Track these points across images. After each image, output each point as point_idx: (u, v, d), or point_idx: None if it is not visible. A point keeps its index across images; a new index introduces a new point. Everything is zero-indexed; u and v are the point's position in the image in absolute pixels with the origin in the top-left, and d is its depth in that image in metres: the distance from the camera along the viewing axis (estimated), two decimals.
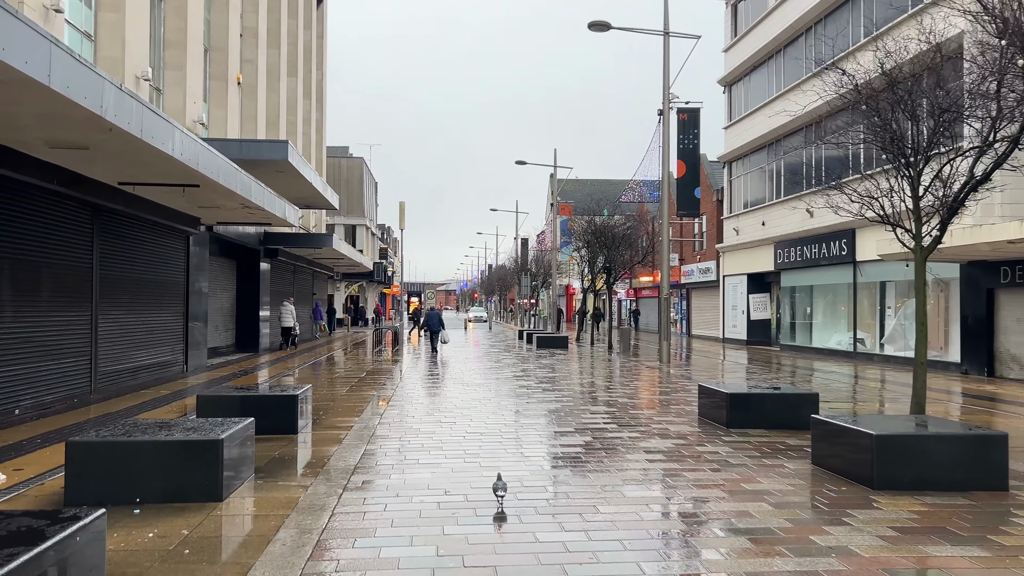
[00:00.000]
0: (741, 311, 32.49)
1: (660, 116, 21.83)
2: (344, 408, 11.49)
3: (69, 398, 12.32)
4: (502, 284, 77.39)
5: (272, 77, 27.85)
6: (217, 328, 22.54)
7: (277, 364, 19.87)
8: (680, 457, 7.93)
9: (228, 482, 6.25)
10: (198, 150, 11.29)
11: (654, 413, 11.14)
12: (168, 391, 13.81)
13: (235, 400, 9.17)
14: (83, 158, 10.63)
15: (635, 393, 13.68)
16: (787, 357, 24.88)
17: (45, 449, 8.22)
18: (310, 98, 35.29)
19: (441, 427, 9.77)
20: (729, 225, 33.50)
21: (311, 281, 36.05)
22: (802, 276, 27.50)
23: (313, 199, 24.23)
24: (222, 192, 13.62)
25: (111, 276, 13.90)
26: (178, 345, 17.44)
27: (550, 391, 13.88)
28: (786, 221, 28.07)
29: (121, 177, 12.18)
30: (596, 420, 10.39)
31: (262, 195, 15.36)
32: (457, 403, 12.19)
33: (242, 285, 24.59)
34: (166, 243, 16.58)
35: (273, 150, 18.04)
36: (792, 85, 27.56)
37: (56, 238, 11.96)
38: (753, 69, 31.67)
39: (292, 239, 25.76)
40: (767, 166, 30.25)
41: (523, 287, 45.47)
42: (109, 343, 13.85)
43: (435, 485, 6.67)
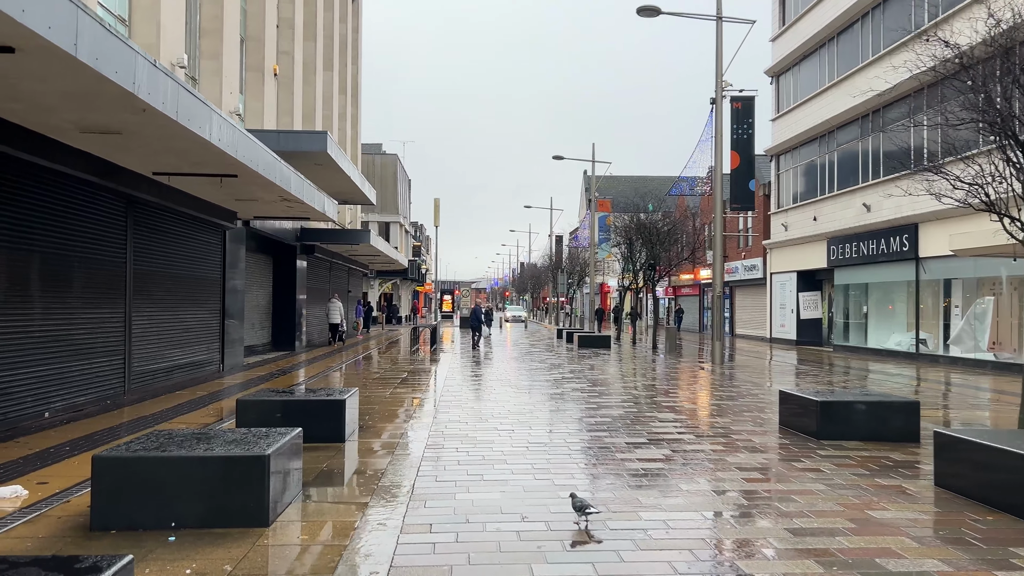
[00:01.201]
0: (790, 310, 31.27)
1: (712, 105, 20.81)
2: (391, 412, 10.71)
3: (101, 400, 11.70)
4: (535, 282, 76.53)
5: (308, 70, 27.27)
6: (253, 326, 21.97)
7: (315, 363, 19.21)
8: (780, 476, 7.00)
9: (274, 503, 5.47)
10: (237, 137, 10.58)
11: (728, 421, 10.20)
12: (204, 392, 13.16)
13: (277, 405, 8.41)
14: (116, 145, 9.97)
15: (699, 398, 12.74)
16: (843, 358, 23.70)
17: (73, 458, 7.53)
18: (345, 93, 34.72)
19: (499, 436, 8.93)
20: (777, 221, 32.30)
21: (347, 278, 35.50)
22: (858, 273, 26.26)
23: (351, 194, 23.56)
24: (261, 183, 12.93)
25: (145, 271, 13.28)
26: (214, 344, 16.83)
27: (607, 395, 12.98)
28: (840, 216, 26.84)
29: (155, 167, 11.52)
30: (668, 429, 9.48)
31: (301, 187, 14.66)
32: (510, 407, 11.35)
33: (278, 282, 24.01)
34: (202, 238, 15.97)
35: (311, 141, 17.35)
36: (847, 73, 26.31)
37: (88, 231, 11.33)
38: (803, 58, 30.43)
39: (329, 235, 25.14)
40: (819, 158, 29.02)
41: (560, 285, 44.56)
42: (143, 342, 13.24)
43: (509, 508, 5.83)
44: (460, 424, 9.81)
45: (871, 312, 25.95)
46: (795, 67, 31.07)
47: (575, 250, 53.34)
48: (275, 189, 13.55)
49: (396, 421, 9.97)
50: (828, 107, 27.81)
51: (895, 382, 16.01)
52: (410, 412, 10.77)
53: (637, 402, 12.05)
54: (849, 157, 26.80)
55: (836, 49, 27.78)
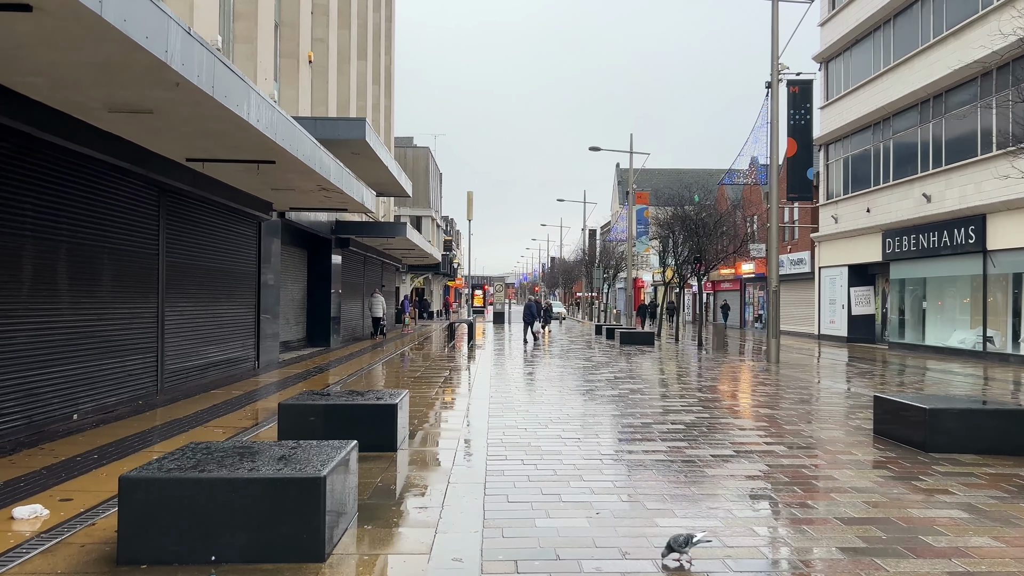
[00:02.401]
0: (841, 305, 30.01)
1: (768, 89, 19.72)
2: (439, 415, 9.89)
3: (133, 400, 11.02)
4: (567, 277, 75.49)
5: (343, 59, 26.57)
6: (288, 321, 21.33)
7: (352, 360, 18.48)
8: (907, 500, 6.05)
9: (330, 532, 4.65)
10: (276, 119, 9.81)
11: (814, 429, 9.23)
12: (240, 391, 12.45)
13: (322, 409, 7.62)
14: (147, 128, 9.24)
15: (772, 402, 11.76)
16: (902, 357, 22.50)
17: (101, 469, 6.80)
18: (379, 83, 34.01)
19: (566, 446, 8.06)
20: (826, 212, 31.02)
21: (380, 272, 34.86)
22: (916, 267, 24.98)
23: (387, 185, 22.82)
24: (300, 171, 12.18)
25: (179, 264, 12.60)
26: (249, 340, 16.17)
27: (669, 397, 12.06)
28: (897, 207, 25.57)
29: (189, 152, 10.80)
30: (753, 439, 8.55)
31: (341, 176, 13.90)
32: (568, 411, 10.47)
33: (313, 276, 23.36)
34: (237, 229, 15.28)
35: (349, 129, 16.59)
36: (905, 57, 25.00)
37: (119, 221, 10.64)
38: (855, 43, 29.11)
39: (365, 228, 24.43)
40: (872, 147, 27.72)
41: (595, 280, 43.56)
42: (177, 338, 12.56)
43: (603, 540, 4.96)
44: (519, 431, 8.96)
45: (930, 308, 24.67)
46: (846, 52, 29.75)
47: (609, 244, 52.27)
48: (314, 177, 12.80)
49: (447, 426, 9.15)
50: (883, 93, 26.52)
51: (975, 383, 14.88)
52: (460, 415, 9.94)
53: (706, 406, 11.11)
54: (906, 145, 25.49)
55: (892, 32, 26.45)
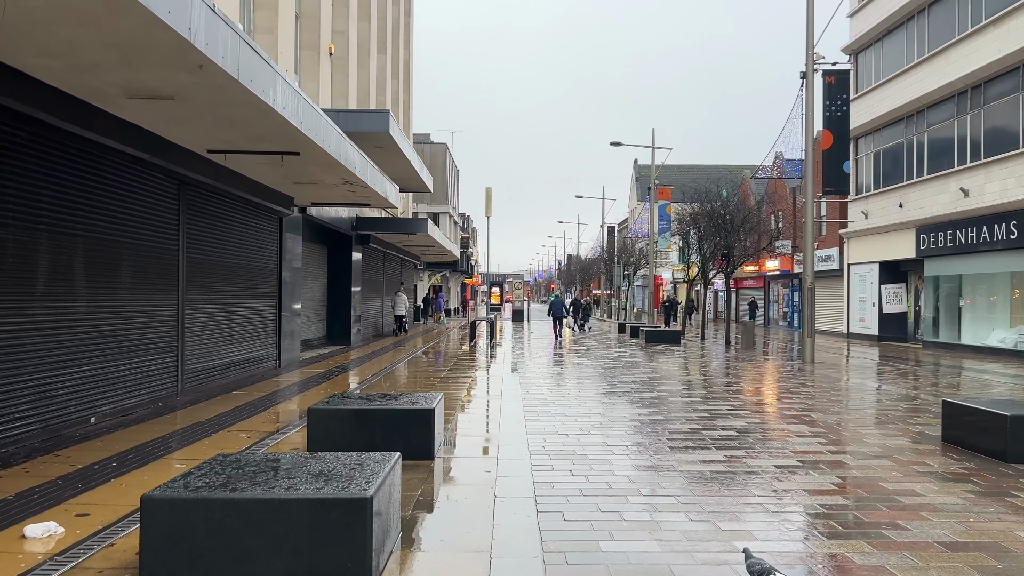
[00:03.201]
0: (871, 303, 29.26)
1: (803, 79, 19.05)
2: (473, 419, 9.38)
3: (153, 402, 10.58)
4: (584, 274, 74.86)
5: (362, 52, 26.11)
6: (308, 319, 20.90)
7: (374, 359, 18.01)
8: (1008, 521, 5.47)
9: (376, 557, 4.14)
10: (302, 107, 9.32)
11: (877, 436, 8.64)
12: (262, 392, 12.00)
13: (354, 415, 7.12)
14: (168, 116, 8.78)
15: (821, 405, 11.17)
16: (939, 356, 21.78)
17: (120, 479, 6.33)
18: (398, 78, 33.56)
19: (615, 454, 7.52)
20: (855, 208, 30.26)
21: (399, 270, 34.43)
22: (953, 264, 24.21)
23: (409, 180, 22.33)
24: (325, 164, 11.70)
25: (199, 260, 12.15)
26: (271, 339, 15.72)
27: (713, 400, 11.49)
28: (932, 202, 24.81)
29: (211, 142, 10.34)
30: (814, 448, 7.97)
31: (366, 169, 13.42)
32: (610, 416, 9.93)
33: (333, 273, 22.92)
34: (258, 225, 14.84)
35: (373, 121, 16.10)
36: (941, 48, 24.22)
37: (138, 215, 10.20)
38: (886, 34, 28.32)
39: (386, 224, 23.96)
40: (905, 140, 26.95)
41: (616, 277, 42.93)
42: (197, 337, 12.12)
43: (682, 570, 4.41)
44: (561, 437, 8.42)
45: (967, 306, 23.91)
46: (877, 43, 28.97)
47: (628, 240, 51.59)
48: (339, 170, 12.31)
49: (483, 430, 8.63)
50: (917, 85, 25.75)
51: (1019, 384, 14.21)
52: (494, 418, 9.42)
53: (753, 409, 10.53)
54: (942, 138, 24.72)
55: (926, 22, 25.67)
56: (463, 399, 11.30)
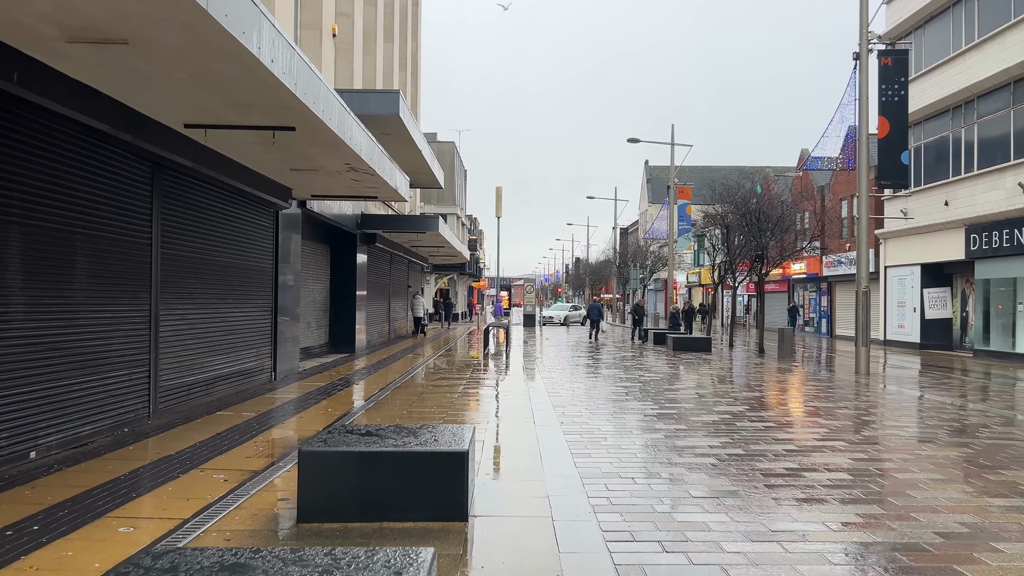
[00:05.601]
0: (912, 308, 27.35)
1: (856, 61, 17.21)
2: (509, 452, 7.54)
3: (117, 427, 8.75)
4: (595, 277, 73.00)
5: (368, 39, 24.34)
6: (309, 325, 19.09)
7: (381, 370, 16.18)
8: None
9: None
10: (296, 64, 7.51)
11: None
12: (252, 412, 10.19)
13: (359, 460, 5.30)
14: (127, 73, 6.98)
15: (922, 433, 9.30)
16: (997, 366, 19.87)
17: (62, 541, 4.51)
18: (405, 70, 31.78)
19: (708, 512, 5.67)
20: (893, 207, 28.35)
21: (406, 272, 32.62)
22: (1009, 266, 22.29)
23: (419, 173, 20.55)
24: (325, 143, 9.89)
25: (178, 257, 10.35)
26: (265, 348, 13.92)
27: (788, 427, 9.64)
28: (983, 199, 22.91)
29: (188, 114, 8.54)
30: (965, 499, 6.12)
31: (373, 152, 11.61)
32: (673, 447, 8.09)
33: (337, 275, 21.11)
34: (250, 219, 13.04)
35: (381, 103, 14.32)
36: (993, 32, 22.33)
37: (98, 200, 8.40)
38: (928, 20, 26.45)
39: (393, 222, 22.15)
40: (951, 133, 25.06)
41: (632, 280, 41.07)
42: (175, 348, 10.30)
43: None
44: (625, 483, 6.57)
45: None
46: (917, 31, 27.10)
47: (645, 242, 49.76)
48: (342, 152, 10.50)
49: (522, 472, 6.79)
50: (965, 73, 23.86)
51: None
52: (532, 451, 7.58)
53: (844, 439, 8.67)
54: (995, 130, 22.83)
55: (976, 6, 23.79)
56: (488, 421, 9.47)
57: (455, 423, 9.44)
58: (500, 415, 10.11)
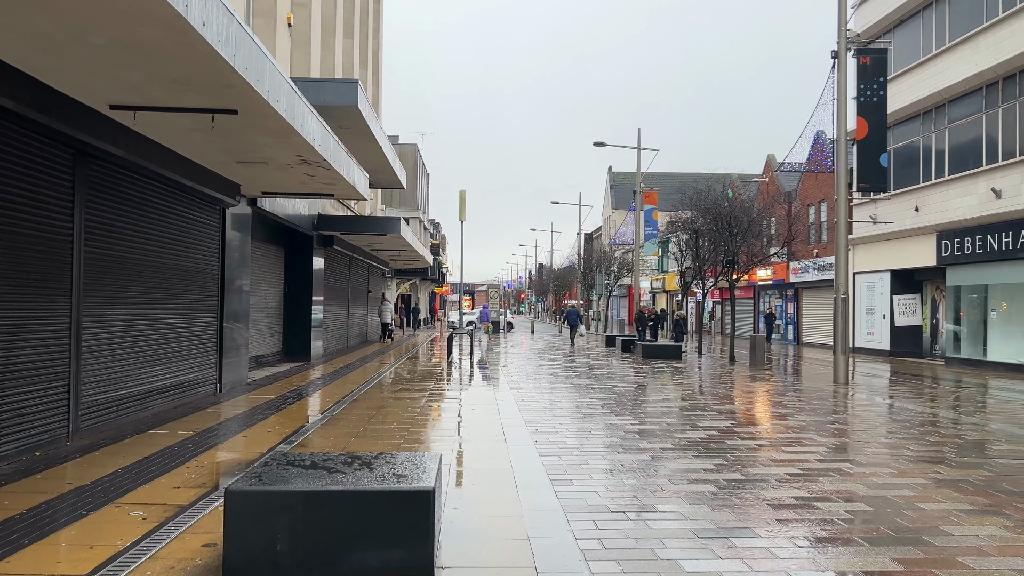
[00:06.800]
0: (882, 315, 27.02)
1: (834, 59, 16.65)
2: (480, 480, 6.60)
3: (25, 452, 7.61)
4: (559, 283, 72.39)
5: (327, 33, 23.26)
6: (261, 332, 17.92)
7: (338, 381, 15.11)
8: None
9: None
10: (236, 32, 6.51)
11: None
12: (190, 431, 9.10)
13: (302, 501, 4.32)
14: (29, 34, 5.92)
15: (927, 451, 8.59)
16: (973, 375, 19.47)
17: None
18: (366, 68, 30.68)
19: (717, 555, 4.80)
20: (862, 212, 28.03)
21: (366, 276, 31.47)
22: (982, 272, 21.99)
23: (380, 172, 19.52)
24: (273, 130, 8.86)
25: (106, 257, 9.22)
26: (209, 357, 12.78)
27: (786, 446, 8.85)
28: (956, 204, 22.60)
29: (113, 92, 7.46)
30: (993, 535, 5.35)
31: (327, 143, 10.60)
32: (662, 471, 7.22)
33: (291, 278, 19.96)
34: (192, 216, 11.92)
35: (339, 93, 13.32)
36: (967, 35, 22.04)
37: (5, 190, 7.27)
38: (899, 23, 26.20)
39: (352, 223, 21.06)
40: (922, 138, 24.78)
41: (598, 286, 40.38)
42: (101, 358, 9.17)
43: None
44: (616, 518, 5.68)
45: (998, 320, 21.70)
46: (887, 35, 26.84)
47: (609, 248, 49.18)
48: (293, 141, 9.48)
49: (497, 503, 5.86)
50: (937, 77, 23.58)
51: None
52: (507, 479, 6.65)
53: (849, 459, 7.90)
54: (967, 134, 22.55)
55: (947, 10, 23.55)
56: (454, 440, 8.52)
57: (417, 442, 8.47)
58: (467, 432, 9.16)
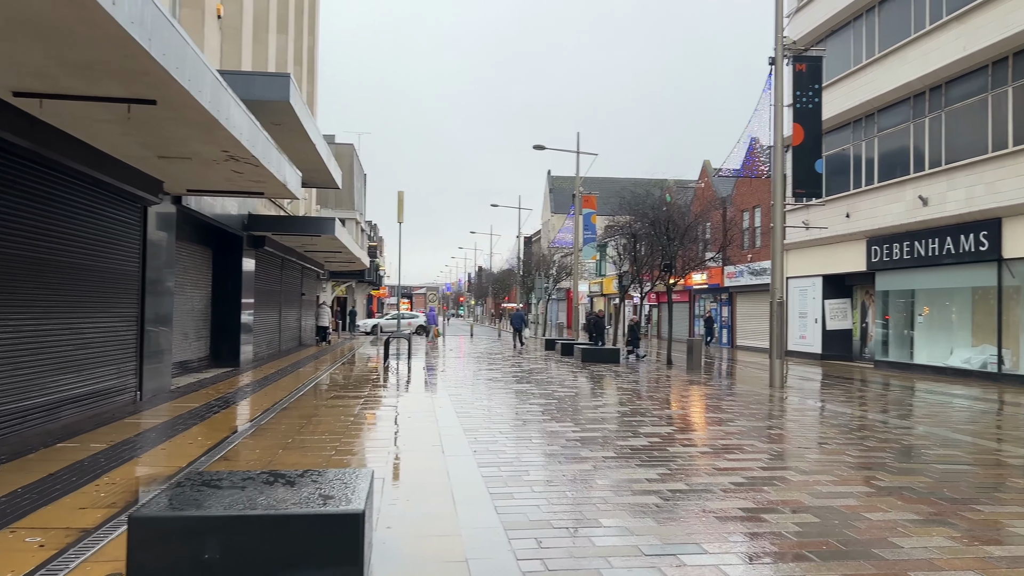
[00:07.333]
0: (813, 320, 27.54)
1: (771, 66, 16.81)
2: (414, 495, 6.24)
3: None
4: (498, 286, 72.20)
5: (260, 26, 22.51)
6: (187, 336, 17.13)
7: (267, 387, 14.50)
8: None
9: None
10: (148, 11, 6.01)
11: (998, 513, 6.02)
12: (103, 443, 8.48)
13: (212, 530, 3.90)
14: None
15: (868, 458, 8.56)
16: (900, 378, 19.93)
17: None
18: (301, 64, 29.90)
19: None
20: (795, 218, 28.55)
21: (300, 279, 30.64)
22: (909, 278, 22.58)
23: (313, 170, 18.92)
24: (197, 122, 8.33)
25: (8, 257, 8.54)
26: (128, 363, 12.06)
27: (729, 453, 8.71)
28: (885, 211, 23.16)
29: (17, 79, 6.86)
30: (941, 547, 5.25)
31: (256, 138, 10.08)
32: (606, 481, 6.98)
33: (220, 280, 19.17)
34: (110, 213, 11.22)
35: (269, 87, 12.77)
36: (896, 46, 22.62)
37: None
38: (830, 34, 26.80)
39: (284, 224, 20.37)
40: (852, 147, 25.35)
41: (537, 289, 40.28)
42: (3, 366, 8.47)
43: None
44: (563, 538, 5.39)
45: (923, 324, 22.31)
46: (822, 43, 27.40)
47: (549, 251, 49.18)
48: (218, 136, 8.95)
49: (436, 525, 5.52)
50: (866, 87, 24.16)
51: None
52: (443, 492, 6.31)
53: (793, 466, 7.79)
54: (896, 143, 23.14)
55: (877, 20, 24.15)
56: (389, 451, 8.12)
57: (350, 454, 8.06)
58: (403, 443, 8.77)
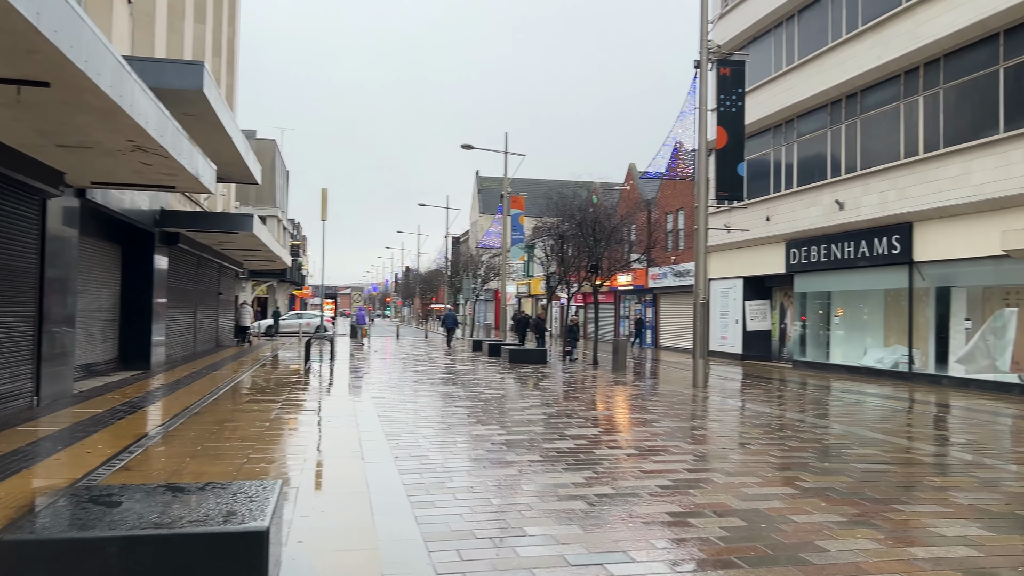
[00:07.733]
0: (734, 320, 28.09)
1: (696, 69, 16.98)
2: (337, 507, 5.90)
3: None
4: (426, 287, 71.53)
5: (175, 15, 21.54)
6: (92, 337, 16.20)
7: (179, 391, 13.80)
8: None
9: None
10: None
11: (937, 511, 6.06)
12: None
13: (92, 554, 3.52)
14: None
15: (779, 450, 8.60)
16: (816, 377, 20.47)
17: None
18: (220, 56, 28.83)
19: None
20: (717, 221, 29.08)
21: (217, 278, 29.56)
22: (827, 280, 23.23)
23: (230, 164, 18.18)
24: (96, 107, 7.76)
25: None
26: (24, 366, 11.26)
27: (655, 454, 8.63)
28: (803, 215, 23.77)
29: None
30: (866, 549, 5.23)
31: (165, 128, 9.50)
32: (530, 486, 6.77)
33: (129, 279, 18.23)
34: (2, 206, 10.43)
35: (181, 75, 12.14)
36: (813, 55, 23.26)
37: None
38: (752, 41, 27.38)
39: (199, 220, 19.52)
40: (772, 151, 25.95)
41: (465, 290, 39.98)
42: None
43: None
44: (486, 549, 5.15)
45: (839, 325, 22.98)
46: (745, 49, 27.99)
47: (476, 252, 48.94)
48: (120, 122, 8.38)
49: (352, 538, 5.20)
50: (786, 94, 24.76)
51: (979, 417, 12.56)
52: (362, 502, 6.00)
53: (717, 468, 7.74)
54: (814, 149, 23.79)
55: (796, 28, 24.78)
56: (305, 458, 7.73)
57: (263, 462, 7.64)
58: (321, 449, 8.38)
